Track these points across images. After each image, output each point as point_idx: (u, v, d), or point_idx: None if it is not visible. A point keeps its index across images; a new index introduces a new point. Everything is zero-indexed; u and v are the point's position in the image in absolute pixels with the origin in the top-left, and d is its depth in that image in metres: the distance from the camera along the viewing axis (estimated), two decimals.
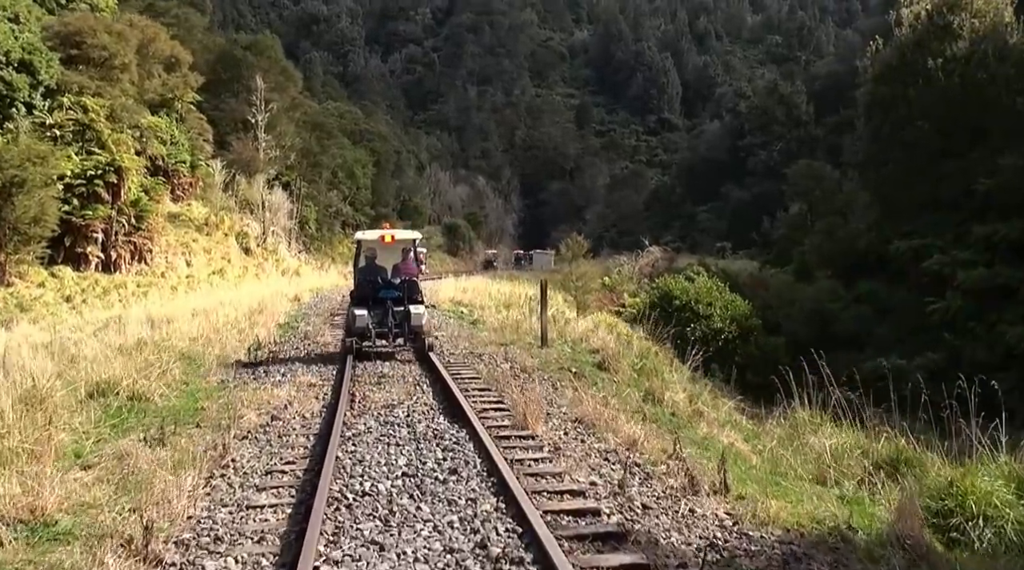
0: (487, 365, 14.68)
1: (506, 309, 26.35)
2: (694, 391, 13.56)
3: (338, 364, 14.76)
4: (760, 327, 33.87)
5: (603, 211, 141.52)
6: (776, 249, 66.51)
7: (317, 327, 20.83)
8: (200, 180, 48.42)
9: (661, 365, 14.83)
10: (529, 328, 18.53)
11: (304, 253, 58.34)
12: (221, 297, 31.67)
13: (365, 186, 75.52)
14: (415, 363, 15.18)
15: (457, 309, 26.82)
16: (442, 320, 22.49)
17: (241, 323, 20.52)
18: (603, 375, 14.25)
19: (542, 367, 14.30)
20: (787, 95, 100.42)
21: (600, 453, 9.40)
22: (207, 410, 11.07)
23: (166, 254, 40.92)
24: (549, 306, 28.30)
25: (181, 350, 15.28)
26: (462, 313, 25.65)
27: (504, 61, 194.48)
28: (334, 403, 11.43)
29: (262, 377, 13.60)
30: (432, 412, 11.31)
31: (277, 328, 20.59)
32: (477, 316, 24.68)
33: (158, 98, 48.03)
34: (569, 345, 16.70)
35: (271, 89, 58.34)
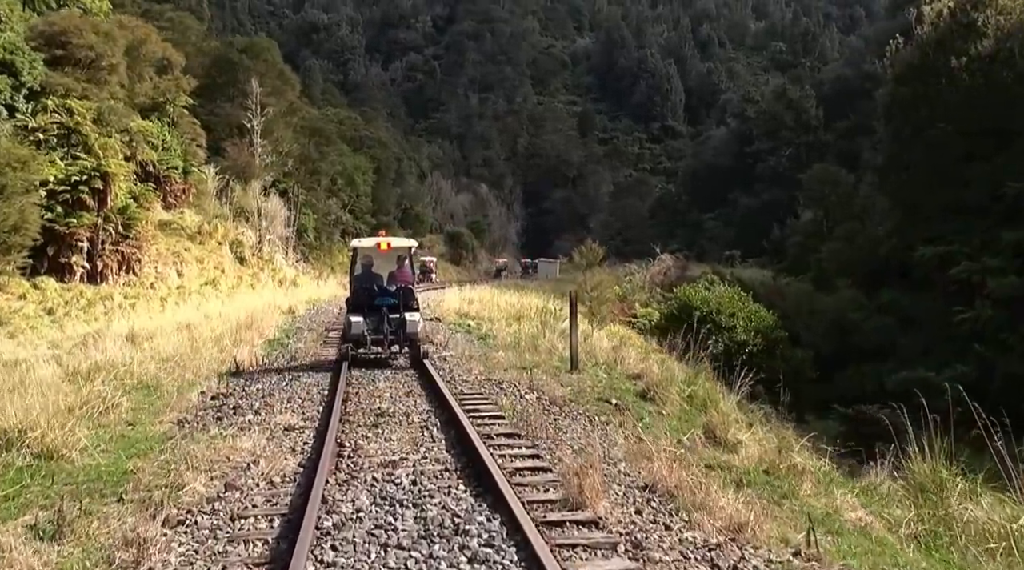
0: (508, 396, 12.22)
1: (516, 322, 24.32)
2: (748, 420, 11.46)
3: (327, 394, 12.55)
4: (786, 339, 31.82)
5: (607, 219, 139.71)
6: (790, 257, 64.51)
7: (308, 345, 18.74)
8: (193, 187, 46.43)
9: (715, 393, 12.57)
10: (550, 346, 16.47)
11: (302, 262, 56.29)
12: (211, 309, 29.72)
13: (365, 194, 73.51)
14: (421, 395, 12.69)
15: (463, 322, 24.80)
16: (448, 335, 20.45)
17: (225, 339, 18.52)
18: (649, 407, 12.06)
19: (575, 398, 12.04)
20: (796, 100, 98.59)
21: (700, 551, 6.57)
22: (141, 472, 8.13)
23: (156, 264, 38.90)
24: (560, 318, 26.33)
25: (144, 375, 13.27)
26: (469, 327, 23.63)
27: (506, 69, 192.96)
28: (315, 459, 8.64)
29: (230, 415, 11.03)
30: (447, 476, 8.30)
31: (264, 345, 18.55)
32: (486, 330, 22.66)
33: (149, 102, 46.14)
34: (603, 369, 14.47)
35: (268, 93, 56.43)
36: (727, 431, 9.83)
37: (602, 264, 34.10)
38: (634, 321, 39.51)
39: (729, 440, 9.58)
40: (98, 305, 34.10)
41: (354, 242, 18.19)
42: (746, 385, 12.59)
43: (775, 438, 10.21)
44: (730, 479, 7.77)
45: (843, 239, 51.46)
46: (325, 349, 17.98)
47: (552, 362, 15.06)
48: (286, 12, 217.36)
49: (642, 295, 45.03)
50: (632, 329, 35.21)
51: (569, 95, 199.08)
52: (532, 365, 14.23)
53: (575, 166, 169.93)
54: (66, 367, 13.07)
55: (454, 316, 26.38)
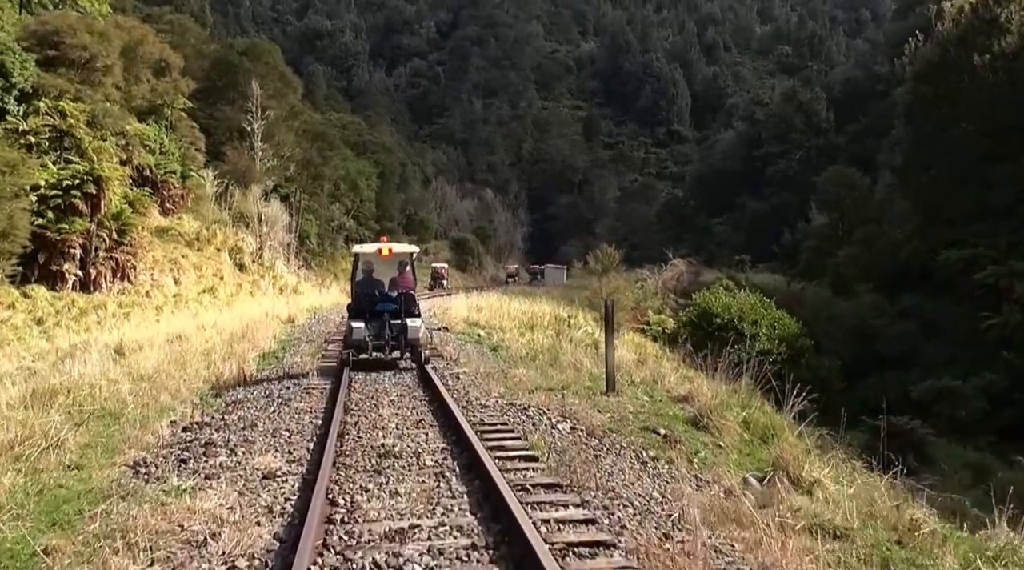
0: (538, 427, 10.17)
1: (529, 331, 22.83)
2: (807, 447, 9.90)
3: (320, 423, 10.57)
4: (811, 348, 30.30)
5: (614, 224, 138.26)
6: (804, 261, 62.93)
7: (305, 360, 17.02)
8: (191, 192, 45.06)
9: (778, 420, 10.83)
10: (573, 361, 14.87)
11: (304, 269, 54.83)
12: (207, 319, 28.28)
13: (369, 199, 72.06)
14: (433, 425, 10.51)
15: (473, 332, 23.30)
16: (458, 347, 18.89)
17: (216, 353, 17.05)
18: (702, 437, 10.21)
19: (617, 427, 10.16)
20: (806, 102, 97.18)
21: None
22: (55, 554, 5.92)
23: (152, 271, 37.49)
24: (575, 326, 24.83)
25: (113, 398, 11.55)
26: (479, 337, 22.12)
27: (510, 74, 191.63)
28: (297, 526, 6.50)
29: (198, 455, 8.87)
30: (475, 557, 6.11)
31: (257, 360, 17.01)
32: (497, 340, 21.16)
33: (146, 104, 44.85)
34: (641, 390, 12.71)
35: (269, 96, 55.13)
36: (801, 467, 8.29)
37: (617, 269, 32.62)
38: (647, 328, 38.05)
39: (804, 479, 8.04)
40: (90, 314, 32.72)
41: (356, 248, 18.14)
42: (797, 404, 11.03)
43: (857, 476, 8.62)
44: (853, 555, 6.14)
45: (861, 243, 49.92)
46: (323, 365, 16.26)
47: (582, 382, 13.19)
48: (289, 19, 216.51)
49: (655, 301, 43.53)
50: (645, 337, 33.74)
51: (574, 100, 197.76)
52: (560, 386, 12.44)
53: (580, 171, 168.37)
54: (26, 388, 11.47)
55: (463, 325, 24.89)
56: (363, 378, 14.23)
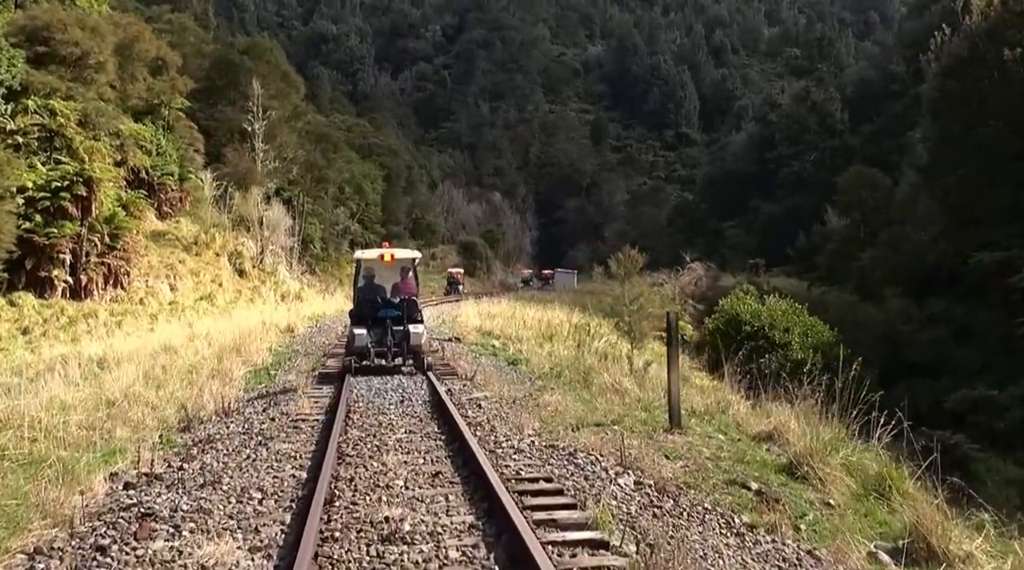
0: (591, 480, 7.76)
1: (548, 342, 21.00)
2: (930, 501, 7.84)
3: (306, 479, 8.01)
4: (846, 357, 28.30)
5: (623, 228, 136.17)
6: (825, 265, 60.86)
7: (299, 379, 14.90)
8: (189, 194, 43.35)
9: (898, 471, 8.31)
10: (611, 382, 12.81)
11: (308, 274, 53.03)
12: (202, 328, 26.49)
13: (375, 202, 70.21)
14: (455, 482, 7.98)
15: (487, 342, 21.46)
16: (473, 361, 17.02)
17: (202, 369, 15.25)
18: (806, 493, 7.94)
19: (694, 481, 7.97)
20: (820, 102, 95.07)
21: None
22: None
23: (147, 278, 35.75)
24: (596, 335, 22.96)
25: (55, 433, 9.29)
26: (495, 348, 20.29)
27: (517, 77, 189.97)
28: None
29: (125, 538, 6.31)
30: None
31: (245, 378, 15.19)
32: (514, 352, 19.35)
33: (143, 104, 43.20)
34: (711, 423, 10.34)
35: (271, 96, 53.41)
36: (947, 537, 6.26)
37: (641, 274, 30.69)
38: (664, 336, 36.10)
39: (952, 553, 6.11)
40: (80, 323, 31.01)
41: (357, 253, 18.09)
42: (885, 435, 9.14)
43: (1019, 547, 6.61)
44: None
45: (886, 245, 47.92)
46: (319, 388, 14.00)
47: (634, 413, 10.74)
48: (295, 24, 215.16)
49: (673, 307, 41.58)
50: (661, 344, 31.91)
51: (581, 103, 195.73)
52: (609, 419, 9.99)
53: (588, 175, 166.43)
54: None
55: (475, 335, 23.05)
56: (364, 406, 12.03)
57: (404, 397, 12.68)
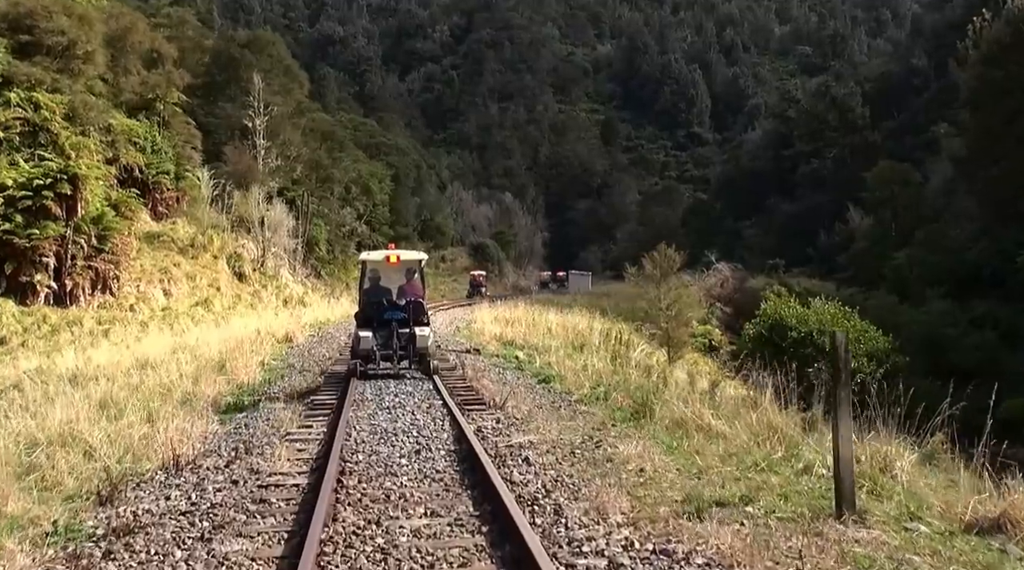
0: None
1: (579, 352, 18.48)
2: None
3: None
4: (906, 366, 25.78)
5: (636, 229, 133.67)
6: (855, 265, 58.09)
7: (288, 407, 11.89)
8: (186, 194, 40.97)
9: None
10: (695, 416, 9.81)
11: (312, 278, 50.54)
12: (193, 338, 24.05)
13: (383, 203, 67.65)
14: None
15: (509, 353, 18.96)
16: (498, 378, 14.50)
17: (176, 390, 12.77)
18: None
19: None
20: (840, 98, 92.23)
21: None
22: None
23: (138, 282, 33.34)
24: (631, 345, 20.41)
25: None
26: (519, 360, 17.77)
27: (526, 77, 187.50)
28: None
29: None
30: None
31: (224, 403, 12.66)
32: (542, 365, 16.84)
33: (137, 99, 40.91)
34: (894, 504, 6.66)
35: (273, 92, 51.03)
36: None
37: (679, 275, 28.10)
38: (692, 340, 33.74)
39: None
40: (64, 332, 28.61)
41: (363, 255, 17.72)
42: None
43: None
44: None
45: (923, 244, 45.29)
46: (307, 424, 10.93)
47: (763, 478, 7.32)
48: (301, 25, 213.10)
49: (699, 311, 39.12)
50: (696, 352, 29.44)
51: (591, 103, 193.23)
52: (736, 492, 6.72)
53: (599, 175, 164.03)
54: None
55: (495, 344, 20.51)
56: (365, 460, 8.82)
57: (420, 443, 9.56)
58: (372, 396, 13.14)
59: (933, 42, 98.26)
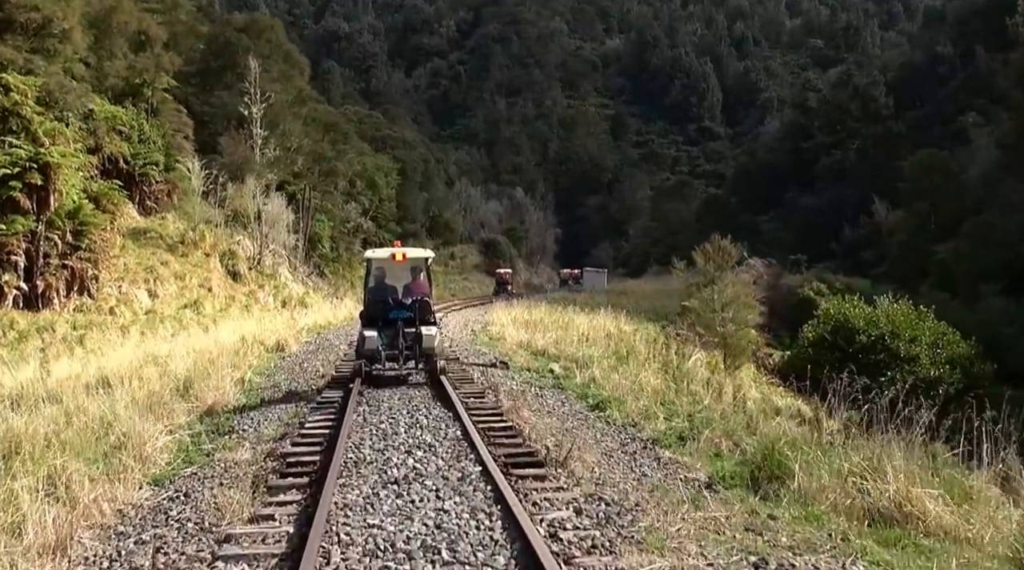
0: None
1: (623, 363, 15.33)
2: None
3: None
4: (991, 373, 22.58)
5: (649, 225, 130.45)
6: (890, 260, 54.73)
7: (257, 454, 8.90)
8: (176, 186, 37.89)
9: None
10: (853, 496, 6.58)
11: (314, 277, 47.37)
12: (168, 348, 20.97)
13: (389, 198, 64.39)
14: None
15: (542, 365, 15.81)
16: (536, 402, 11.38)
17: (119, 425, 9.67)
18: None
19: None
20: (862, 87, 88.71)
21: None
22: None
23: (120, 283, 30.29)
24: (685, 357, 17.30)
25: None
26: (556, 376, 14.62)
27: (534, 71, 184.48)
28: None
29: None
30: None
31: (177, 447, 9.51)
32: (585, 381, 13.67)
33: (123, 84, 37.83)
34: None
35: (272, 79, 47.91)
36: None
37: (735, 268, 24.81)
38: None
39: None
40: (33, 339, 25.59)
41: (368, 253, 16.95)
42: None
43: None
44: None
45: (971, 236, 41.92)
46: (272, 502, 7.42)
47: None
48: (306, 22, 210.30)
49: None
50: None
51: (600, 98, 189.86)
52: None
53: (609, 171, 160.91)
54: None
55: (523, 354, 17.33)
56: None
57: None
58: (375, 449, 9.21)
59: (958, 29, 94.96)
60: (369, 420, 10.98)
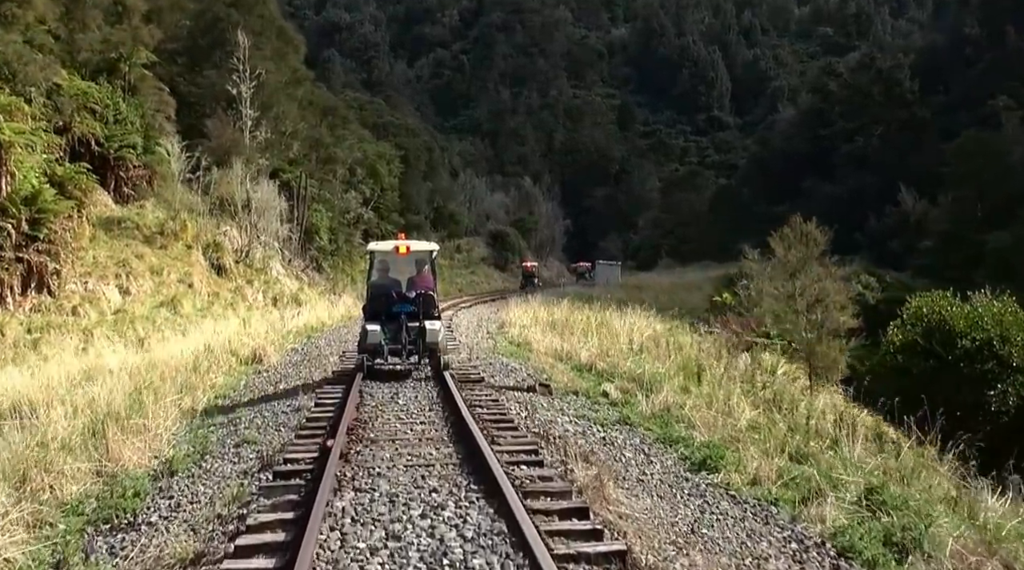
0: None
1: (694, 382, 11.72)
2: None
3: None
4: None
5: (659, 216, 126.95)
6: (930, 251, 51.01)
7: None
8: (155, 172, 34.28)
9: None
10: None
11: (311, 271, 43.70)
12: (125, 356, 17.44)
13: (391, 187, 60.61)
14: None
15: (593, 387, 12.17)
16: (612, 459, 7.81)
17: None
18: None
19: None
20: (886, 70, 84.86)
21: None
22: None
23: (87, 279, 26.70)
24: (765, 366, 13.70)
25: None
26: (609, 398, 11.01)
27: (539, 61, 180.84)
28: None
29: None
30: None
31: None
32: (654, 410, 10.06)
33: (97, 59, 34.22)
34: None
35: (265, 57, 44.23)
36: None
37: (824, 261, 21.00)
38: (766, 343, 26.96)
39: None
40: None
41: (371, 245, 16.78)
42: None
43: None
44: None
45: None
46: None
47: None
48: (307, 13, 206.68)
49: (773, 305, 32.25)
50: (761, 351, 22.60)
51: (607, 87, 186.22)
52: None
53: (617, 162, 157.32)
54: None
55: (559, 367, 13.74)
56: None
57: None
58: None
59: (985, 9, 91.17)
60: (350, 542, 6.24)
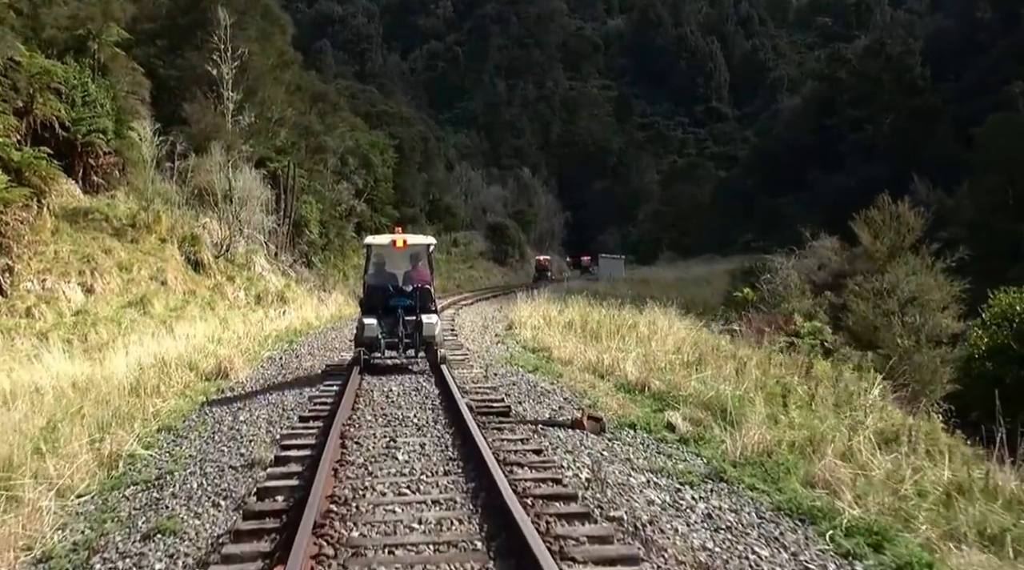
0: None
1: (773, 400, 8.92)
2: None
3: None
4: None
5: (659, 209, 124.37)
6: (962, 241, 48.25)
7: None
8: (128, 159, 31.40)
9: None
10: None
11: (300, 266, 40.85)
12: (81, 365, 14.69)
13: (385, 178, 57.73)
14: None
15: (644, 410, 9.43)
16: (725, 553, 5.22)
17: None
18: None
19: None
20: (896, 56, 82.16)
21: None
22: None
23: (45, 276, 23.86)
24: (853, 391, 10.96)
25: None
26: (677, 433, 8.27)
27: (534, 52, 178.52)
28: None
29: None
30: None
31: None
32: (745, 454, 7.35)
33: (65, 36, 31.37)
34: None
35: (250, 38, 41.40)
36: None
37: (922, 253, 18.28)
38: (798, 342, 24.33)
39: None
40: None
41: (367, 239, 16.61)
42: None
43: None
44: None
45: None
46: None
47: None
48: (299, 5, 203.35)
49: (803, 301, 29.69)
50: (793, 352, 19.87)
51: (603, 79, 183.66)
52: None
53: (614, 154, 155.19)
54: None
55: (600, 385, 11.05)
56: None
57: None
58: None
59: None
60: None
